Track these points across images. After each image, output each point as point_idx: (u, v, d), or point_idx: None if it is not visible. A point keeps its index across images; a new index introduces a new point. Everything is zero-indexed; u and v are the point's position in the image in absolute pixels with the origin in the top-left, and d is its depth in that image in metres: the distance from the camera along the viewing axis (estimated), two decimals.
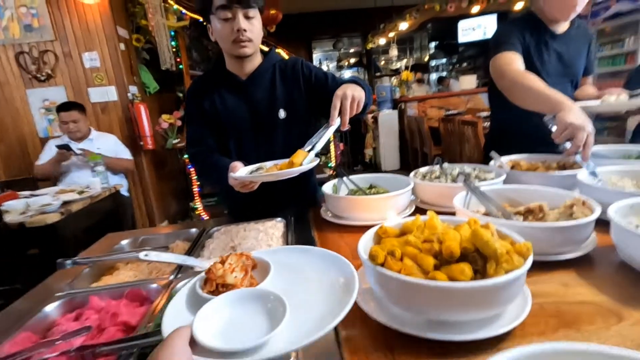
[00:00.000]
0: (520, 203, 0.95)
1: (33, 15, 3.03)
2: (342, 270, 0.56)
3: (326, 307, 0.48)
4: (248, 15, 1.13)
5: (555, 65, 1.48)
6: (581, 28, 1.55)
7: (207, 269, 0.57)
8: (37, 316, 0.75)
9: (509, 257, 0.54)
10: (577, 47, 1.51)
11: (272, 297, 0.49)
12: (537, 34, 1.46)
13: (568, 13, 1.38)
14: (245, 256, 0.61)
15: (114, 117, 3.32)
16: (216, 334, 0.43)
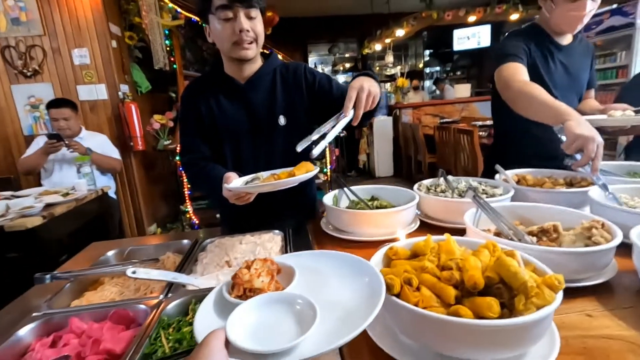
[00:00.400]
0: (531, 221, 0.91)
1: (21, 9, 2.92)
2: (366, 273, 0.56)
3: (353, 310, 0.49)
4: (250, 15, 1.07)
5: (562, 78, 1.48)
6: (583, 42, 1.55)
7: (233, 274, 0.58)
8: (9, 340, 0.67)
9: (539, 290, 0.49)
10: (580, 60, 1.52)
11: (301, 301, 0.50)
12: (543, 46, 1.47)
13: (575, 25, 1.39)
14: (270, 261, 0.61)
15: (103, 116, 3.22)
16: (249, 336, 0.45)
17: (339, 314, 0.49)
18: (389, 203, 1.17)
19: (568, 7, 1.34)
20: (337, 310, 0.50)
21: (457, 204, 1.03)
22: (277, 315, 0.49)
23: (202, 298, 0.76)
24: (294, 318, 0.48)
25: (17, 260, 1.88)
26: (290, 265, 0.62)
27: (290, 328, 0.47)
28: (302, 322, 0.47)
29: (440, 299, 0.54)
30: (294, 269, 0.60)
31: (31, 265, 1.84)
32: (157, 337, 0.65)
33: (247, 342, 0.42)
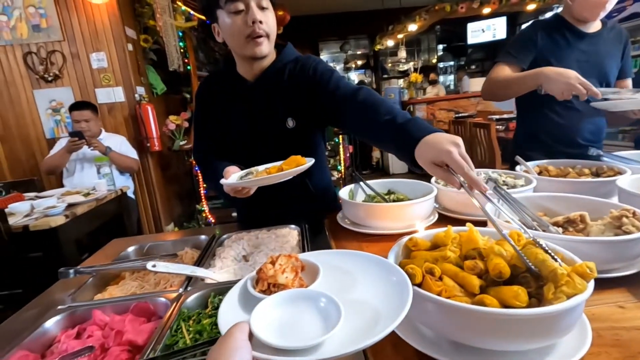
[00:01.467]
0: (556, 212, 0.88)
1: (41, 15, 3.01)
2: (392, 274, 0.54)
3: (379, 311, 0.48)
4: (261, 5, 1.01)
5: (581, 65, 1.43)
6: (615, 29, 1.50)
7: (258, 268, 0.58)
8: (36, 332, 0.69)
9: (569, 279, 0.47)
10: (608, 48, 1.48)
11: (325, 299, 0.49)
12: (561, 36, 1.45)
13: (597, 12, 1.37)
14: (294, 257, 0.61)
15: (121, 118, 3.29)
16: (272, 331, 0.44)
17: (364, 314, 0.48)
18: (406, 196, 1.15)
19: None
20: (362, 310, 0.49)
21: (477, 195, 1.00)
22: (301, 312, 0.49)
23: (221, 291, 0.77)
24: (318, 316, 0.48)
25: (40, 258, 1.94)
26: (314, 263, 0.61)
27: (314, 326, 0.46)
28: (326, 320, 0.46)
29: (463, 289, 0.52)
30: (318, 267, 0.60)
31: (53, 264, 1.89)
32: (177, 329, 0.65)
33: (271, 337, 0.42)
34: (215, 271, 0.88)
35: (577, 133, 1.50)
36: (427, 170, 0.73)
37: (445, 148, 0.67)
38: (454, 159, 0.66)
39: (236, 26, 1.02)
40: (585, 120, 1.48)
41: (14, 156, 3.23)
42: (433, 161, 0.70)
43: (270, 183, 0.91)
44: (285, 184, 1.04)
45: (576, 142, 1.48)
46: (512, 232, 0.62)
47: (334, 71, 1.15)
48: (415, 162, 0.77)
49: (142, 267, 0.82)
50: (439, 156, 0.68)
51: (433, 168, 0.71)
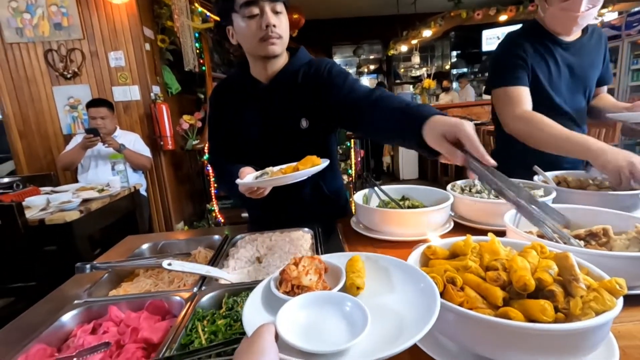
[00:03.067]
0: (577, 225, 0.86)
1: (63, 14, 3.08)
2: (420, 280, 0.53)
3: (404, 318, 0.48)
4: (276, 9, 1.04)
5: (566, 80, 1.35)
6: (595, 34, 1.38)
7: (281, 269, 0.58)
8: (53, 326, 0.70)
9: (598, 294, 0.46)
10: (590, 56, 1.36)
11: (351, 303, 0.48)
12: (543, 46, 1.33)
13: (570, 27, 1.27)
14: (318, 259, 0.61)
15: (136, 116, 3.34)
16: (298, 334, 0.44)
17: (389, 321, 0.47)
18: (421, 203, 1.14)
19: (561, 6, 1.21)
20: (387, 317, 0.48)
21: (495, 206, 0.99)
22: (327, 315, 0.48)
23: (235, 292, 0.77)
24: (343, 320, 0.47)
25: (54, 252, 1.97)
26: (337, 265, 0.60)
27: (339, 330, 0.45)
28: (351, 325, 0.46)
29: (486, 300, 0.51)
30: (340, 269, 0.59)
31: (67, 258, 1.93)
32: (192, 329, 0.65)
33: (297, 339, 0.42)
34: (229, 272, 0.88)
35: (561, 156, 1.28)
36: (433, 144, 0.74)
37: (459, 121, 0.69)
38: (467, 132, 0.67)
39: (251, 29, 1.04)
40: None
41: (32, 151, 3.30)
42: (444, 134, 0.70)
43: (285, 183, 0.91)
44: (299, 186, 1.05)
45: (560, 165, 1.30)
46: (534, 244, 0.61)
47: (348, 74, 1.16)
48: (421, 140, 0.76)
49: (157, 265, 0.82)
50: (452, 129, 0.69)
51: (441, 141, 0.71)
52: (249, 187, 0.95)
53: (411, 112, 0.83)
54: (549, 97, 1.34)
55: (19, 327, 0.73)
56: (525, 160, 1.26)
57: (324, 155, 0.96)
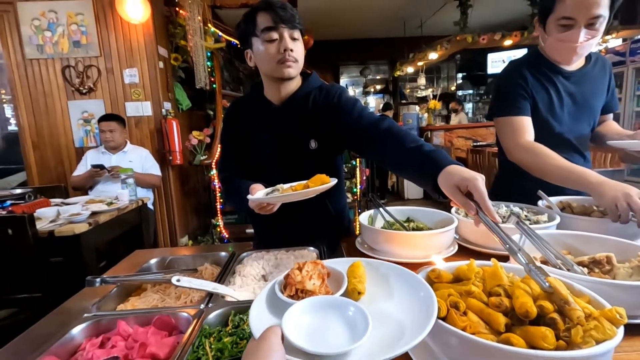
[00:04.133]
0: (580, 252, 0.87)
1: (82, 33, 3.21)
2: (420, 289, 0.56)
3: (404, 324, 0.50)
4: (293, 36, 1.11)
5: (568, 107, 1.34)
6: (599, 62, 1.38)
7: (285, 274, 0.61)
8: (63, 339, 0.72)
9: (598, 323, 0.47)
10: (593, 84, 1.36)
11: (353, 308, 0.51)
12: (545, 76, 1.33)
13: (569, 57, 1.26)
14: (321, 265, 0.63)
15: (146, 131, 3.41)
16: (303, 336, 0.46)
17: (389, 326, 0.50)
18: (425, 225, 1.16)
19: (560, 36, 1.21)
20: (387, 322, 0.51)
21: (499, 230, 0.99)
22: (330, 319, 0.50)
23: (242, 310, 0.78)
24: (346, 324, 0.49)
25: (61, 264, 1.99)
26: (339, 271, 0.63)
27: (342, 333, 0.48)
28: (353, 328, 0.48)
29: (488, 326, 0.52)
30: (343, 275, 0.61)
31: (73, 270, 1.95)
32: (199, 345, 0.66)
33: (302, 342, 0.43)
34: (235, 289, 0.89)
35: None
36: (447, 192, 0.78)
37: (472, 175, 0.73)
38: (478, 187, 0.71)
39: (269, 52, 1.10)
40: None
41: (44, 163, 3.38)
42: (457, 185, 0.74)
43: (295, 200, 0.94)
44: (306, 204, 1.08)
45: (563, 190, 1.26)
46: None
47: (357, 100, 1.21)
48: (436, 186, 0.81)
49: (166, 281, 0.84)
50: (465, 181, 0.73)
51: (455, 192, 0.75)
52: (259, 203, 0.98)
53: (427, 157, 0.87)
54: (550, 126, 1.35)
55: (30, 338, 0.74)
56: (528, 184, 1.27)
57: (331, 175, 0.99)
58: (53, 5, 3.16)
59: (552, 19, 1.21)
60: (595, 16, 1.12)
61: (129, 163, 2.89)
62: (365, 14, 6.42)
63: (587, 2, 1.10)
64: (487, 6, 5.88)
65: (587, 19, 1.13)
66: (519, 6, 5.27)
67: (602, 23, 1.15)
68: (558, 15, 1.18)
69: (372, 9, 6.17)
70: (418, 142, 0.94)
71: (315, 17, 6.25)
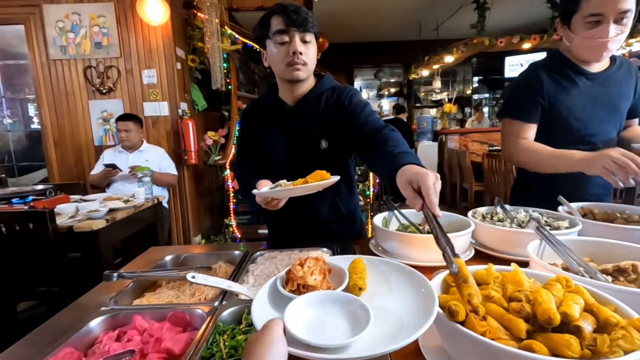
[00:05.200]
0: (603, 259, 0.84)
1: (104, 34, 3.30)
2: (421, 285, 0.57)
3: (404, 319, 0.51)
4: (305, 39, 1.12)
5: (593, 109, 1.32)
6: (624, 65, 1.36)
7: (287, 269, 0.62)
8: (81, 331, 0.73)
9: (626, 332, 0.45)
10: (619, 86, 1.33)
11: (355, 302, 0.52)
12: (567, 78, 1.31)
13: (600, 53, 1.23)
14: (322, 261, 0.64)
15: (163, 131, 3.48)
16: (305, 329, 0.47)
17: (390, 321, 0.51)
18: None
19: (588, 34, 1.19)
20: (388, 317, 0.52)
21: (518, 235, 0.98)
22: (331, 313, 0.52)
23: None
24: (346, 318, 0.50)
25: (78, 259, 2.05)
26: (341, 267, 0.64)
27: (343, 327, 0.49)
28: (354, 322, 0.49)
29: (509, 332, 0.51)
30: (344, 271, 0.63)
31: (90, 265, 1.99)
32: (213, 342, 0.67)
33: (304, 334, 0.44)
34: (248, 288, 0.89)
35: (589, 186, 1.34)
36: (400, 188, 0.79)
37: (423, 172, 0.75)
38: (426, 181, 0.72)
39: (280, 54, 1.13)
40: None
41: (65, 160, 3.48)
42: (409, 180, 0.76)
43: (297, 194, 0.97)
44: (315, 202, 1.15)
45: (583, 196, 1.30)
46: (559, 277, 0.60)
47: (367, 104, 1.23)
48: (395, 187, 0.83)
49: (182, 278, 0.85)
50: (416, 176, 0.75)
51: (406, 187, 0.77)
52: (264, 198, 1.00)
53: (394, 158, 0.90)
54: (573, 128, 1.32)
55: (48, 330, 0.76)
56: (546, 189, 1.27)
57: (342, 174, 1.00)
58: (77, 7, 3.26)
59: (578, 17, 1.20)
60: (624, 10, 1.11)
61: (145, 162, 2.95)
62: (380, 17, 6.40)
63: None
64: (505, 9, 5.79)
65: (616, 13, 1.12)
66: (538, 9, 5.16)
67: (630, 18, 1.14)
68: (585, 12, 1.17)
69: (387, 12, 6.15)
70: (397, 147, 0.96)
71: (330, 20, 6.26)
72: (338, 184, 1.26)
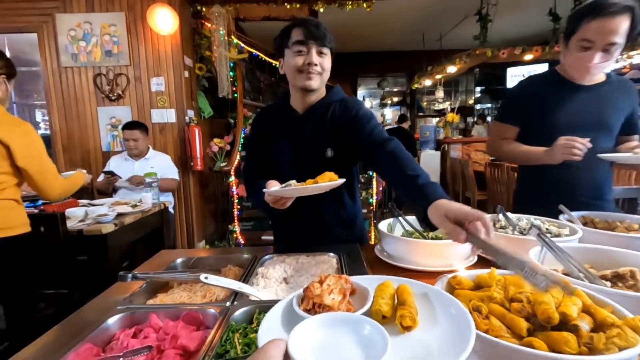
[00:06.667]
0: (603, 266, 0.87)
1: (114, 43, 3.38)
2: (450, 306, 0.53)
3: (431, 347, 0.47)
4: (321, 52, 1.18)
5: (584, 122, 1.41)
6: (620, 83, 1.45)
7: (305, 286, 0.59)
8: (100, 328, 0.76)
9: (621, 331, 0.48)
10: (609, 99, 1.41)
11: (370, 327, 0.47)
12: (561, 92, 1.44)
13: (583, 75, 1.37)
14: (345, 279, 0.60)
15: (170, 138, 3.54)
16: (310, 354, 0.43)
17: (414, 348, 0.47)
18: (445, 235, 1.17)
19: (578, 55, 1.31)
20: (411, 343, 0.48)
21: (520, 241, 1.00)
22: (343, 337, 0.47)
23: (265, 309, 0.80)
24: (360, 343, 0.45)
25: (86, 262, 2.07)
26: (365, 287, 0.60)
27: (356, 353, 0.44)
28: (368, 349, 0.44)
29: (510, 330, 0.53)
30: (368, 292, 0.59)
31: (97, 268, 2.02)
32: (226, 340, 0.69)
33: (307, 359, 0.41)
34: (258, 289, 0.93)
35: (576, 189, 1.44)
36: (436, 222, 0.83)
37: (459, 205, 0.79)
38: (468, 211, 0.76)
39: (296, 64, 1.19)
40: (585, 177, 1.44)
41: (73, 165, 3.53)
42: (446, 214, 0.79)
43: (307, 194, 1.02)
44: (321, 207, 1.22)
45: (576, 199, 1.41)
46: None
47: (373, 117, 1.28)
48: (425, 217, 0.87)
49: (194, 279, 0.88)
50: (450, 212, 0.78)
51: (443, 220, 0.79)
52: (274, 196, 1.05)
53: (420, 190, 0.93)
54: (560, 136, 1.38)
55: (67, 327, 0.79)
56: (547, 196, 1.37)
57: (346, 184, 1.03)
58: (89, 17, 3.36)
59: (574, 38, 1.31)
60: (611, 42, 1.23)
61: (150, 169, 2.99)
62: (384, 28, 6.50)
63: (607, 29, 1.21)
64: (508, 21, 5.87)
65: (605, 44, 1.24)
66: (540, 21, 5.24)
67: (617, 49, 1.25)
68: (580, 36, 1.28)
69: (391, 23, 6.24)
70: (416, 172, 1.00)
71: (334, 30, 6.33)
72: (341, 191, 1.32)
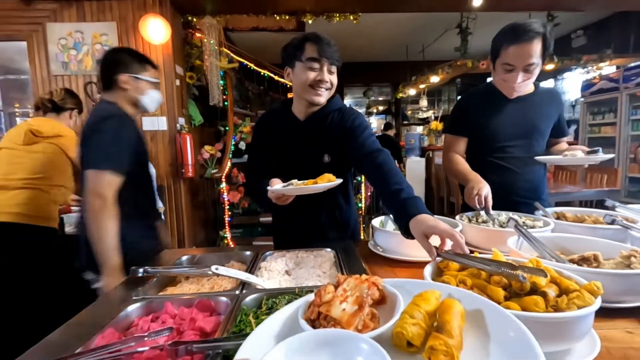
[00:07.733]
0: (572, 252, 0.98)
1: None
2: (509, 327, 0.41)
3: None
4: (331, 70, 1.28)
5: (515, 129, 1.56)
6: (547, 93, 1.60)
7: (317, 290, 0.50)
8: (121, 315, 0.82)
9: (580, 294, 0.58)
10: (538, 109, 1.56)
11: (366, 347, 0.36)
12: (489, 101, 1.59)
13: (509, 92, 1.52)
14: (371, 282, 0.46)
15: (161, 145, 3.56)
16: None
17: None
18: None
19: (503, 77, 1.46)
20: None
21: (500, 233, 1.11)
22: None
23: (272, 295, 0.88)
24: None
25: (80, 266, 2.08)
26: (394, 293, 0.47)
27: None
28: None
29: (491, 298, 0.63)
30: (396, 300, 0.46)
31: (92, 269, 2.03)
32: (240, 321, 0.77)
33: None
34: (264, 280, 1.00)
35: (516, 190, 1.57)
36: (417, 238, 0.93)
37: (434, 222, 0.90)
38: (442, 228, 0.87)
39: (308, 78, 1.27)
40: (523, 179, 1.57)
41: None
42: (424, 232, 0.90)
43: (307, 192, 1.12)
44: (317, 211, 1.34)
45: (516, 199, 1.54)
46: (532, 260, 0.73)
47: (368, 127, 1.38)
48: (407, 230, 0.97)
49: (203, 273, 0.95)
50: (428, 229, 0.90)
51: (422, 238, 0.91)
52: (277, 193, 1.14)
53: (402, 204, 1.03)
54: (496, 141, 1.57)
55: (89, 315, 0.85)
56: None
57: (341, 186, 1.12)
58: (80, 26, 3.38)
59: (498, 62, 1.47)
60: (530, 64, 1.38)
61: None
62: (370, 39, 6.71)
63: (524, 54, 1.36)
64: (487, 34, 6.12)
65: (524, 66, 1.39)
66: None
67: (535, 68, 1.40)
68: (502, 60, 1.44)
69: (377, 35, 6.46)
70: (400, 185, 1.10)
71: None
72: (336, 196, 1.41)
